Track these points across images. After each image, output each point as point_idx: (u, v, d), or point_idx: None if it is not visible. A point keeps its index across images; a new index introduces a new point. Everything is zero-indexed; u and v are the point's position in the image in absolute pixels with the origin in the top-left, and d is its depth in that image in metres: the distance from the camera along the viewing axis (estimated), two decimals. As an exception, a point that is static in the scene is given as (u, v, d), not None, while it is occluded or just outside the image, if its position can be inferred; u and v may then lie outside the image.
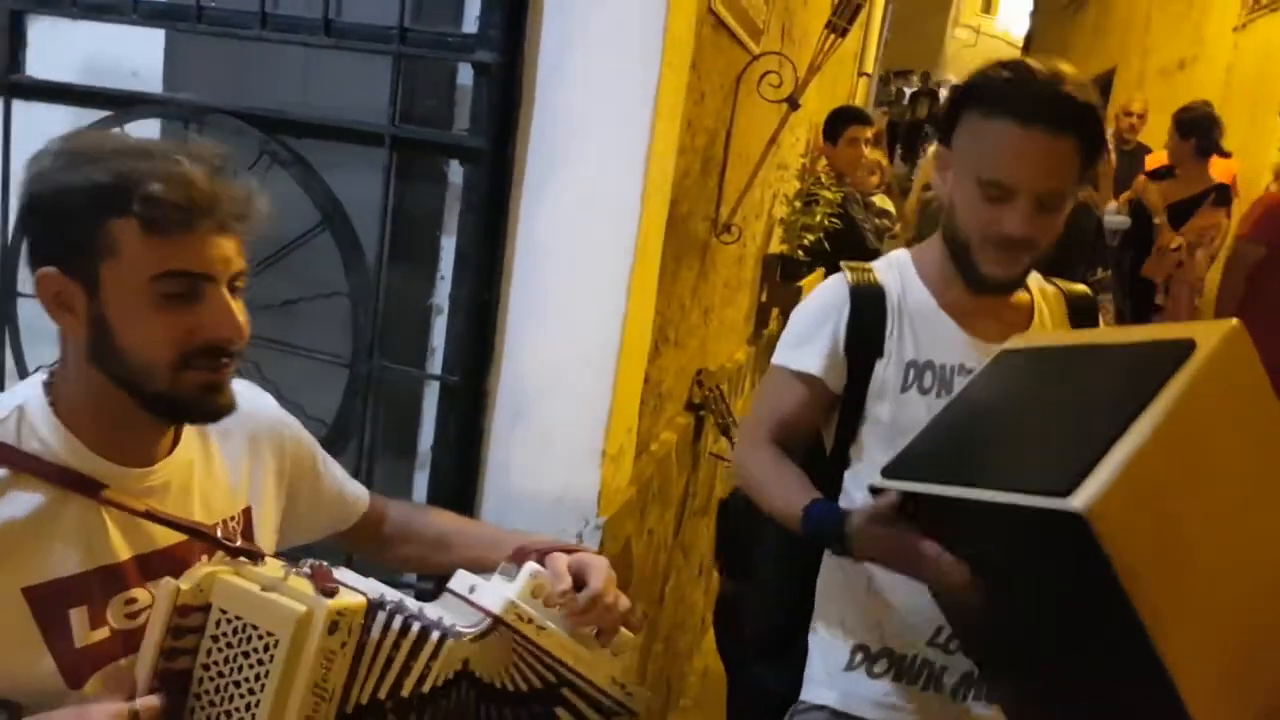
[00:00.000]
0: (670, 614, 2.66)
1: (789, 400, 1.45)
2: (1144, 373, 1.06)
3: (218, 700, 0.98)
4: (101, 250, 0.98)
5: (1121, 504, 0.96)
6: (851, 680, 1.43)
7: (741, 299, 3.03)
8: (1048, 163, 1.29)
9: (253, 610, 0.98)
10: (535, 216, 1.81)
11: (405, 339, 1.92)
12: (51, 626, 1.00)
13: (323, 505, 1.34)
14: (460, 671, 1.09)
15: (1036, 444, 1.13)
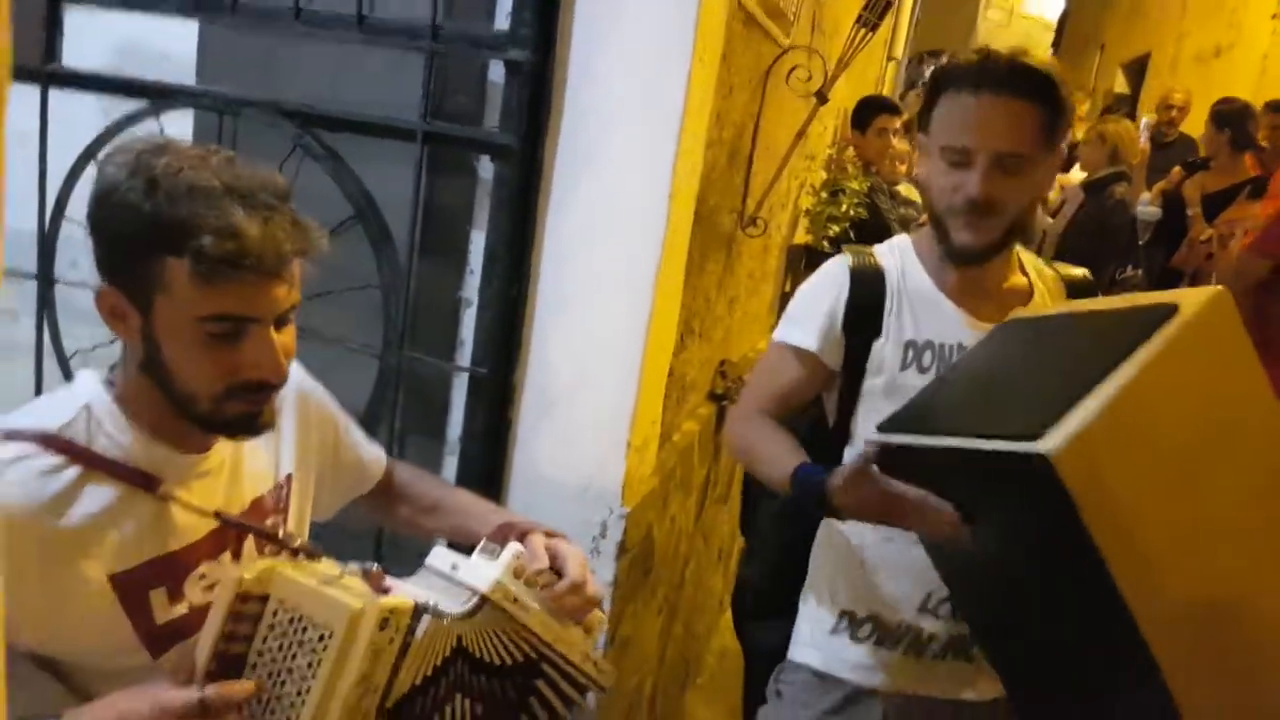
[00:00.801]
0: (690, 597, 2.71)
1: (785, 375, 1.50)
2: (1126, 332, 1.08)
3: (269, 686, 1.03)
4: (155, 283, 1.02)
5: (1089, 450, 0.99)
6: (835, 643, 1.49)
7: (765, 289, 3.05)
8: (1001, 124, 1.33)
9: (309, 603, 1.03)
10: (564, 213, 1.83)
11: (435, 331, 1.96)
12: (135, 608, 1.08)
13: (346, 469, 1.40)
14: (456, 648, 1.14)
15: (1018, 398, 1.16)
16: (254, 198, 1.02)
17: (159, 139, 1.07)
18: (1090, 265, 4.59)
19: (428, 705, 1.13)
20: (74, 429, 1.07)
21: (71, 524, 1.03)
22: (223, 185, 1.01)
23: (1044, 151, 1.37)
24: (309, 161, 1.91)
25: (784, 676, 1.56)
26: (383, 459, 1.47)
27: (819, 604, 1.52)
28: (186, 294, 1.02)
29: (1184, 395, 1.07)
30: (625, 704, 2.21)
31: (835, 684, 1.49)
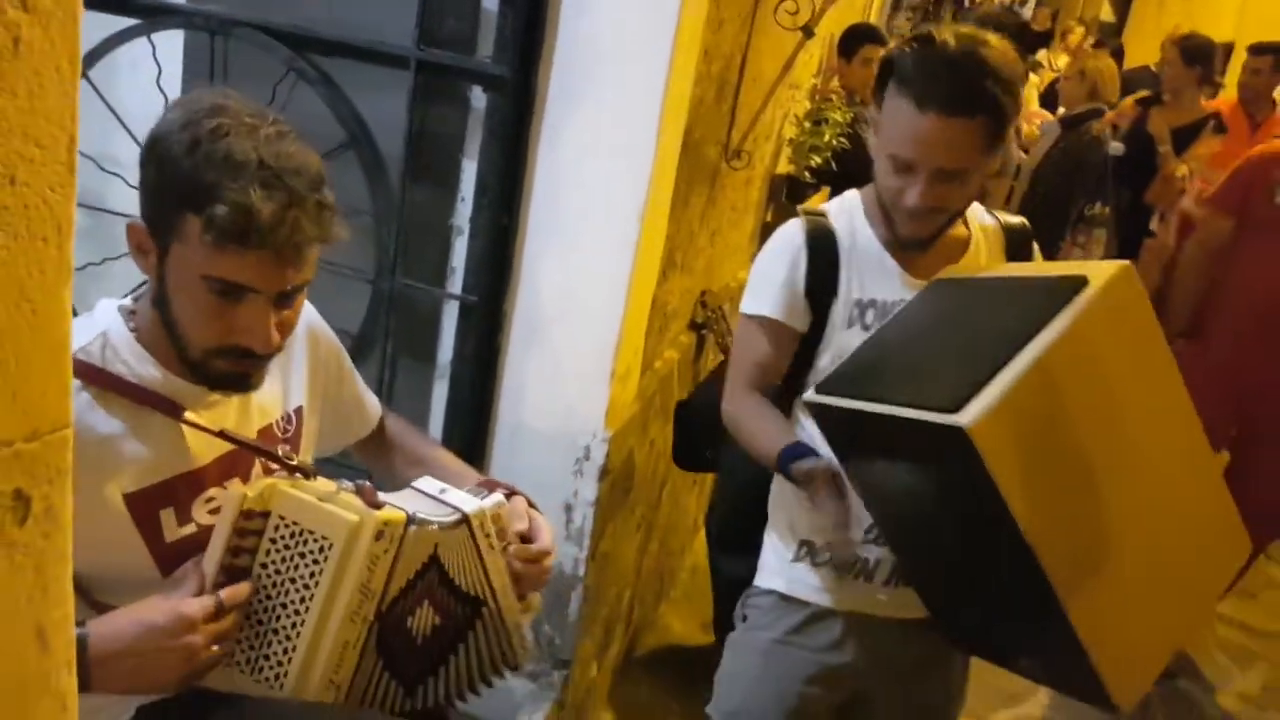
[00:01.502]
0: (666, 516, 2.82)
1: (760, 348, 1.57)
2: (1039, 305, 1.18)
3: (274, 594, 1.12)
4: (175, 231, 1.08)
5: (1003, 421, 1.09)
6: (797, 569, 1.59)
7: (747, 221, 3.10)
8: (942, 144, 1.36)
9: (309, 517, 1.11)
10: (555, 144, 1.87)
11: (426, 258, 2.01)
12: (147, 526, 1.15)
13: (347, 410, 1.47)
14: (431, 557, 1.22)
15: (940, 367, 1.25)
16: (283, 180, 1.05)
17: (226, 96, 1.10)
18: (1062, 200, 4.63)
19: (407, 608, 1.21)
20: (90, 353, 1.12)
21: (87, 444, 1.07)
22: (257, 159, 1.05)
23: (986, 156, 1.41)
24: (302, 85, 1.93)
25: (751, 600, 1.66)
26: (379, 407, 1.53)
27: (780, 536, 1.62)
28: (197, 250, 1.07)
29: (1090, 364, 1.17)
30: (605, 612, 2.33)
31: (798, 605, 1.59)
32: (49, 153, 0.57)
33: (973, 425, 1.08)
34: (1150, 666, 1.32)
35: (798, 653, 1.60)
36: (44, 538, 0.56)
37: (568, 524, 2.02)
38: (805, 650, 1.59)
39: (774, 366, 1.58)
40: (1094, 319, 1.16)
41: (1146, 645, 1.29)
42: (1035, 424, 1.13)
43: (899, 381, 1.28)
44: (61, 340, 0.59)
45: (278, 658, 1.11)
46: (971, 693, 1.70)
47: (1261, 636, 3.53)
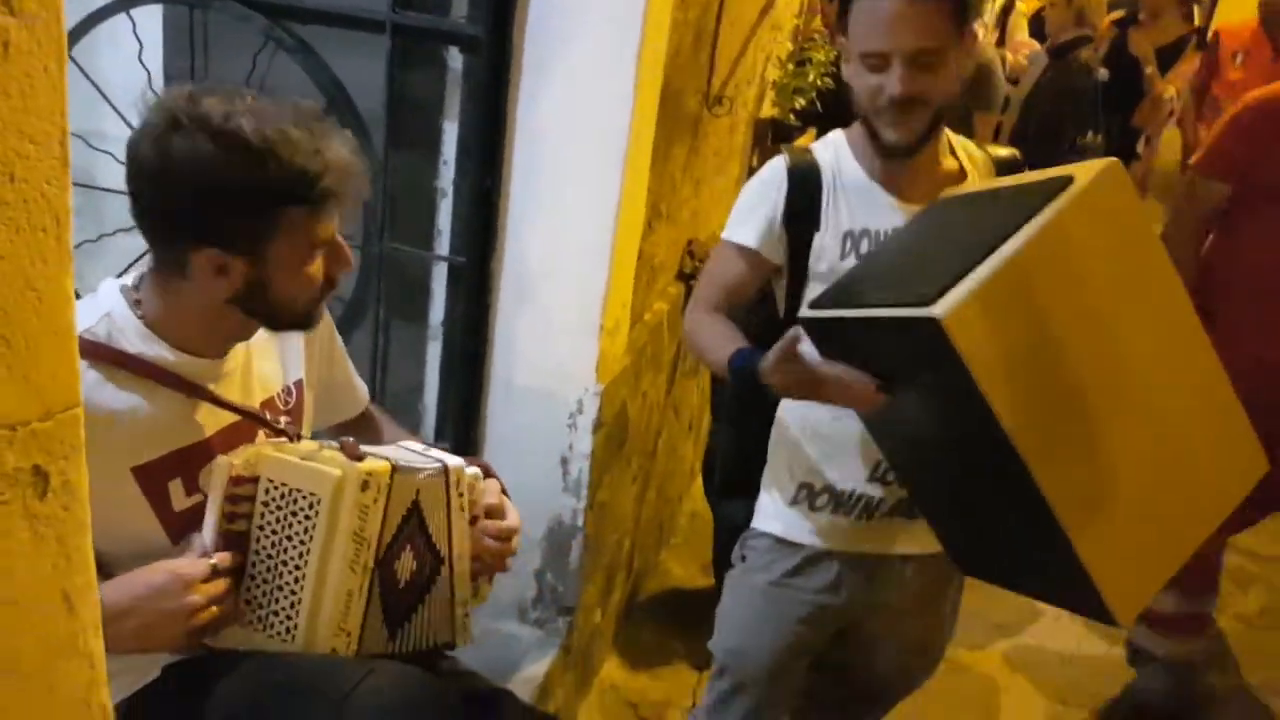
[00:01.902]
0: (662, 465, 2.87)
1: (731, 271, 1.60)
2: (1023, 205, 1.17)
3: (274, 553, 1.18)
4: (276, 230, 1.15)
5: (978, 312, 1.09)
6: (794, 513, 1.63)
7: (732, 166, 3.11)
8: (912, 25, 1.39)
9: (296, 477, 1.17)
10: (533, 104, 1.89)
11: (413, 221, 2.04)
12: (155, 497, 1.20)
13: (337, 390, 1.52)
14: (414, 503, 1.29)
15: (925, 269, 1.25)
16: (316, 125, 1.15)
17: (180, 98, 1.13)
18: (1053, 130, 4.60)
19: (395, 552, 1.27)
20: (96, 333, 1.17)
21: (96, 420, 1.11)
22: (299, 129, 1.13)
23: (956, 40, 1.44)
24: (281, 54, 1.94)
25: (749, 542, 1.71)
26: (366, 393, 1.58)
27: (778, 479, 1.66)
28: (304, 230, 1.16)
29: (1073, 261, 1.15)
30: (606, 560, 2.40)
31: (794, 548, 1.64)
32: (43, 148, 0.60)
33: (945, 316, 1.07)
34: (1153, 581, 1.31)
35: (794, 594, 1.65)
36: (64, 509, 0.60)
37: (564, 476, 2.07)
38: (802, 592, 1.64)
39: (739, 291, 1.60)
40: (1076, 214, 1.14)
41: (1149, 559, 1.28)
42: (1015, 320, 1.11)
43: (883, 287, 1.29)
44: (66, 324, 0.63)
45: (286, 612, 1.17)
46: (966, 625, 1.76)
47: (1262, 560, 3.59)
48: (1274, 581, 3.49)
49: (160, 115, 1.11)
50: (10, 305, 0.58)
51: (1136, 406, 1.21)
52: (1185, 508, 1.29)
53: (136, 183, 1.14)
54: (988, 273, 1.10)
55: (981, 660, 2.82)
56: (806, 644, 1.69)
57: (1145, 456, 1.23)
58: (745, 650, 1.72)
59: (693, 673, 2.55)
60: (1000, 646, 2.87)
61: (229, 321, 1.22)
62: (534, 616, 2.18)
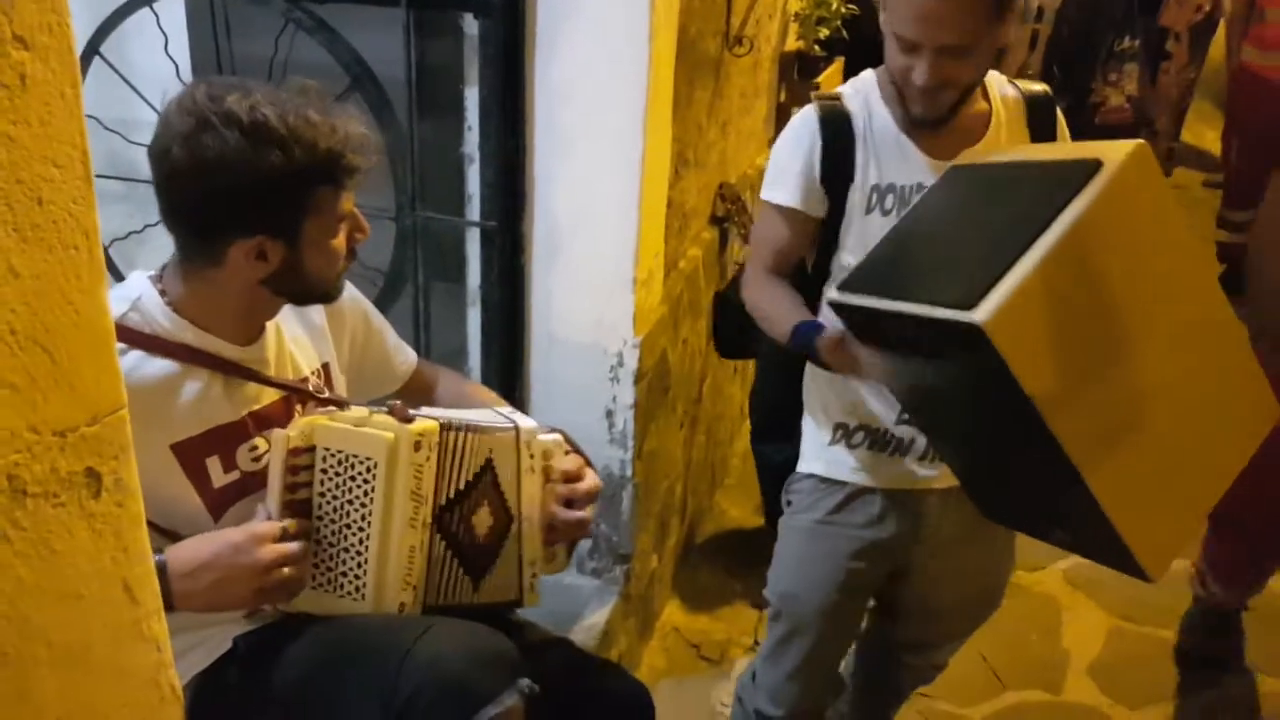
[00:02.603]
0: (710, 409, 2.90)
1: (778, 233, 1.60)
2: (1052, 192, 1.18)
3: (337, 517, 1.23)
4: (308, 211, 1.22)
5: (1018, 314, 1.11)
6: (834, 452, 1.66)
7: (759, 106, 3.09)
8: (946, 21, 1.36)
9: (351, 443, 1.23)
10: (551, 63, 1.90)
11: (443, 189, 2.07)
12: (195, 473, 1.26)
13: (373, 367, 1.56)
14: (487, 461, 1.35)
15: (956, 261, 1.27)
16: (325, 107, 1.21)
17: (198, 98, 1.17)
18: (1089, 39, 4.47)
19: (466, 510, 1.34)
20: (131, 319, 1.22)
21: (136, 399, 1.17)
22: (316, 112, 1.19)
23: (991, 28, 1.41)
24: (301, 35, 1.97)
25: (793, 486, 1.74)
26: (412, 362, 1.61)
27: (817, 421, 1.68)
28: (331, 207, 1.23)
29: (1106, 249, 1.17)
30: (658, 507, 2.45)
31: (838, 486, 1.66)
32: (67, 171, 0.64)
33: (988, 321, 1.10)
34: (1180, 534, 1.35)
35: (841, 530, 1.67)
36: (118, 506, 0.65)
37: (610, 429, 2.12)
38: (848, 528, 1.67)
39: (792, 252, 1.61)
40: (1108, 204, 1.15)
41: (1175, 515, 1.32)
42: (1052, 313, 1.14)
43: (917, 278, 1.30)
44: (105, 333, 0.67)
45: (354, 573, 1.23)
46: (1023, 547, 1.75)
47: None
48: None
49: (185, 117, 1.15)
50: (50, 321, 0.62)
51: (1163, 370, 1.23)
52: (1207, 463, 1.32)
53: (171, 185, 1.19)
54: (1024, 273, 1.12)
55: (1042, 580, 2.84)
56: (859, 580, 1.71)
57: (1171, 415, 1.25)
58: (798, 593, 1.74)
59: (753, 612, 2.61)
60: (1060, 566, 2.87)
61: (258, 303, 1.28)
62: (591, 567, 2.24)
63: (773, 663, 1.80)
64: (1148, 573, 1.27)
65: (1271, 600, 2.72)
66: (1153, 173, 1.20)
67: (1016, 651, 2.59)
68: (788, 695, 1.79)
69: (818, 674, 1.80)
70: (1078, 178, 1.17)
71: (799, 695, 1.79)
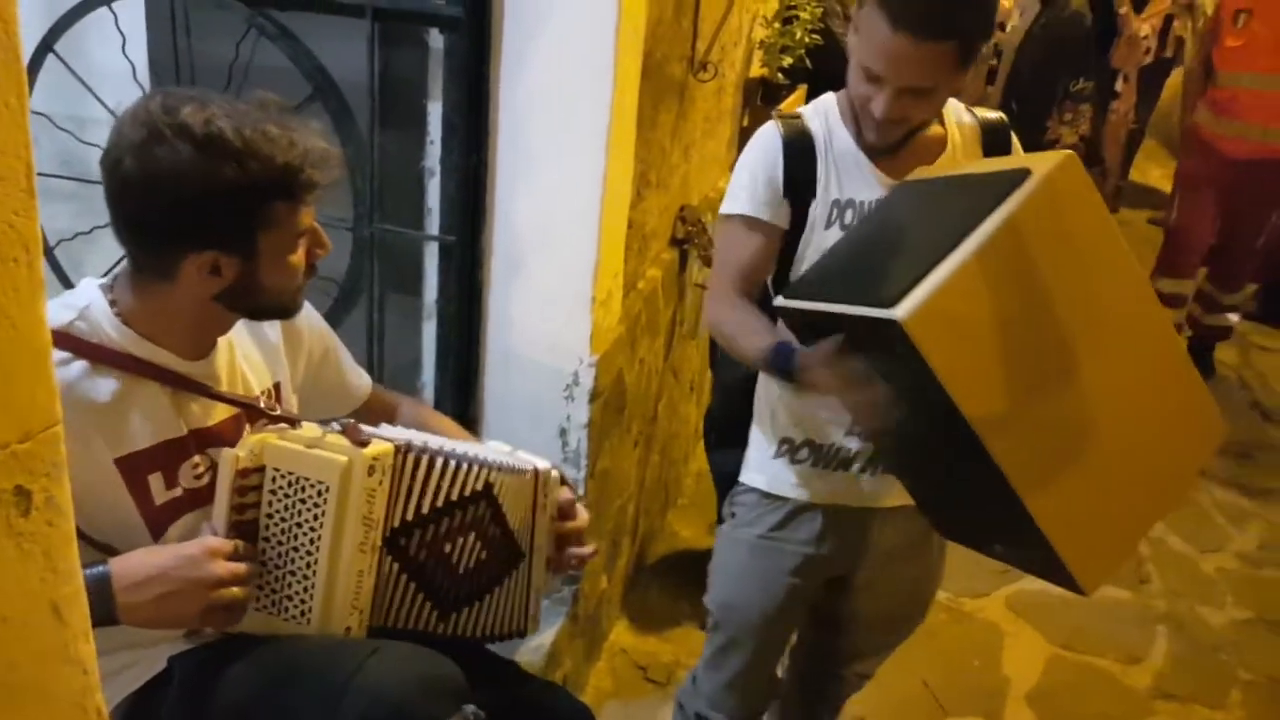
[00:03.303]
0: (665, 427, 2.91)
1: (744, 248, 1.60)
2: (981, 200, 1.21)
3: (284, 539, 1.21)
4: (264, 225, 1.18)
5: (938, 312, 1.14)
6: (778, 466, 1.68)
7: (722, 129, 3.11)
8: (912, 65, 1.39)
9: (302, 465, 1.20)
10: (515, 80, 1.90)
11: (403, 202, 2.06)
12: (137, 489, 1.23)
13: (327, 389, 1.55)
14: (482, 490, 1.34)
15: (888, 265, 1.30)
16: (284, 121, 1.19)
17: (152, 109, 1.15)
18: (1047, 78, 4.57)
19: (433, 536, 1.31)
20: (80, 329, 1.20)
21: (81, 411, 1.15)
22: (274, 125, 1.17)
23: (954, 75, 1.44)
24: (263, 41, 1.95)
25: (736, 498, 1.76)
26: (368, 386, 1.60)
27: (763, 433, 1.70)
28: (289, 223, 1.20)
29: (1033, 255, 1.19)
30: (610, 526, 2.44)
31: (780, 502, 1.69)
32: (9, 182, 0.63)
33: (906, 318, 1.12)
34: (1119, 551, 1.37)
35: (782, 546, 1.70)
36: (48, 525, 0.63)
37: (564, 447, 2.11)
38: (789, 544, 1.69)
39: (757, 266, 1.60)
40: (1033, 210, 1.18)
41: (1114, 531, 1.33)
42: (977, 316, 1.16)
43: (853, 281, 1.33)
44: (42, 347, 0.66)
45: (300, 596, 1.21)
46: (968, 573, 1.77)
47: (1258, 495, 3.62)
48: (1270, 517, 3.52)
49: (139, 128, 1.13)
50: (-15, 336, 0.60)
51: (1101, 383, 1.25)
52: (1150, 480, 1.33)
53: (122, 197, 1.16)
54: (946, 273, 1.15)
55: (985, 607, 2.87)
56: (797, 594, 1.74)
57: (1110, 428, 1.27)
58: (738, 604, 1.78)
59: (701, 634, 2.59)
60: (1003, 593, 2.91)
61: (211, 317, 1.26)
62: (539, 585, 2.22)
63: (713, 670, 1.84)
64: (1084, 589, 1.29)
65: (1208, 633, 2.78)
66: (1081, 182, 1.23)
67: (957, 677, 2.62)
68: (726, 702, 1.83)
69: (755, 681, 1.84)
70: (1007, 185, 1.21)
71: (738, 703, 1.84)
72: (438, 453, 1.31)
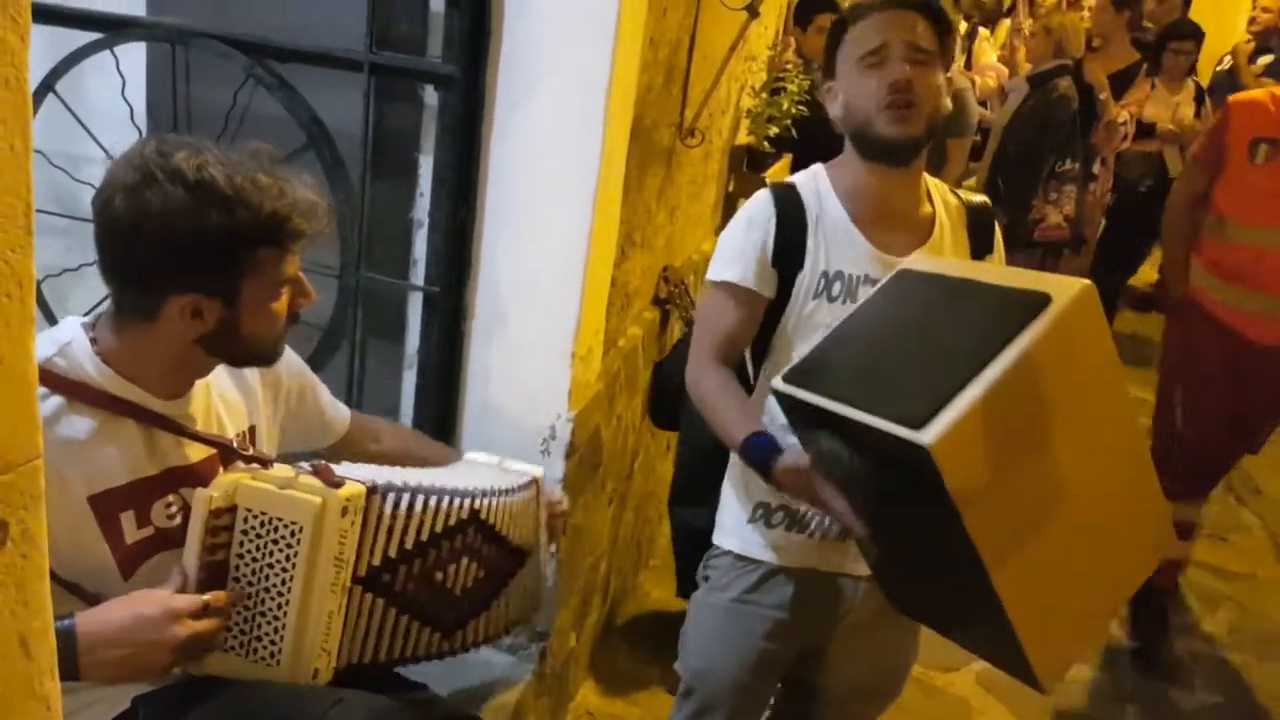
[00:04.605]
0: (640, 487, 2.91)
1: (728, 315, 1.61)
2: (1001, 321, 1.23)
3: (254, 580, 1.20)
4: (248, 272, 1.20)
5: (962, 439, 1.16)
6: (751, 530, 1.69)
7: (708, 193, 3.16)
8: (909, 24, 1.50)
9: (276, 506, 1.20)
10: (506, 138, 1.94)
11: (389, 252, 2.09)
12: (108, 527, 1.22)
13: (306, 425, 1.56)
14: (469, 517, 1.39)
15: (906, 375, 1.31)
16: (276, 171, 1.22)
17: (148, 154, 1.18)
18: (1033, 158, 4.68)
19: (422, 569, 1.34)
20: (58, 365, 1.20)
21: (57, 447, 1.15)
22: (264, 174, 1.20)
23: (939, 59, 1.52)
24: (261, 90, 1.99)
25: (711, 561, 1.76)
26: (346, 419, 1.62)
27: (738, 496, 1.70)
28: (273, 270, 1.22)
29: (1046, 381, 1.22)
30: (581, 583, 2.43)
31: (753, 565, 1.69)
32: (8, 220, 0.65)
33: (934, 444, 1.14)
34: (1076, 646, 1.41)
35: (755, 610, 1.69)
36: (23, 558, 0.64)
37: (537, 501, 2.11)
38: (762, 608, 1.69)
39: (740, 334, 1.62)
40: (1052, 340, 1.21)
41: (1073, 625, 1.36)
42: (989, 434, 1.19)
43: (866, 383, 1.32)
44: (28, 382, 0.67)
45: (270, 638, 1.20)
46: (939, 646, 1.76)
47: (1230, 579, 3.64)
48: (1243, 600, 3.54)
49: (132, 171, 1.15)
50: (-27, 367, 0.62)
51: (1079, 500, 1.28)
52: (1106, 577, 1.38)
53: (110, 236, 1.18)
54: (972, 399, 1.16)
55: (955, 682, 2.86)
56: (770, 661, 1.73)
57: (1082, 542, 1.30)
58: (710, 670, 1.75)
59: (668, 697, 2.57)
60: (974, 668, 2.90)
61: (191, 361, 1.27)
62: (507, 642, 2.21)
63: None
64: (1041, 682, 1.30)
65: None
66: (1095, 312, 1.25)
67: (927, 751, 2.60)
68: None
69: None
70: (1026, 311, 1.22)
71: None
72: (416, 490, 1.32)
